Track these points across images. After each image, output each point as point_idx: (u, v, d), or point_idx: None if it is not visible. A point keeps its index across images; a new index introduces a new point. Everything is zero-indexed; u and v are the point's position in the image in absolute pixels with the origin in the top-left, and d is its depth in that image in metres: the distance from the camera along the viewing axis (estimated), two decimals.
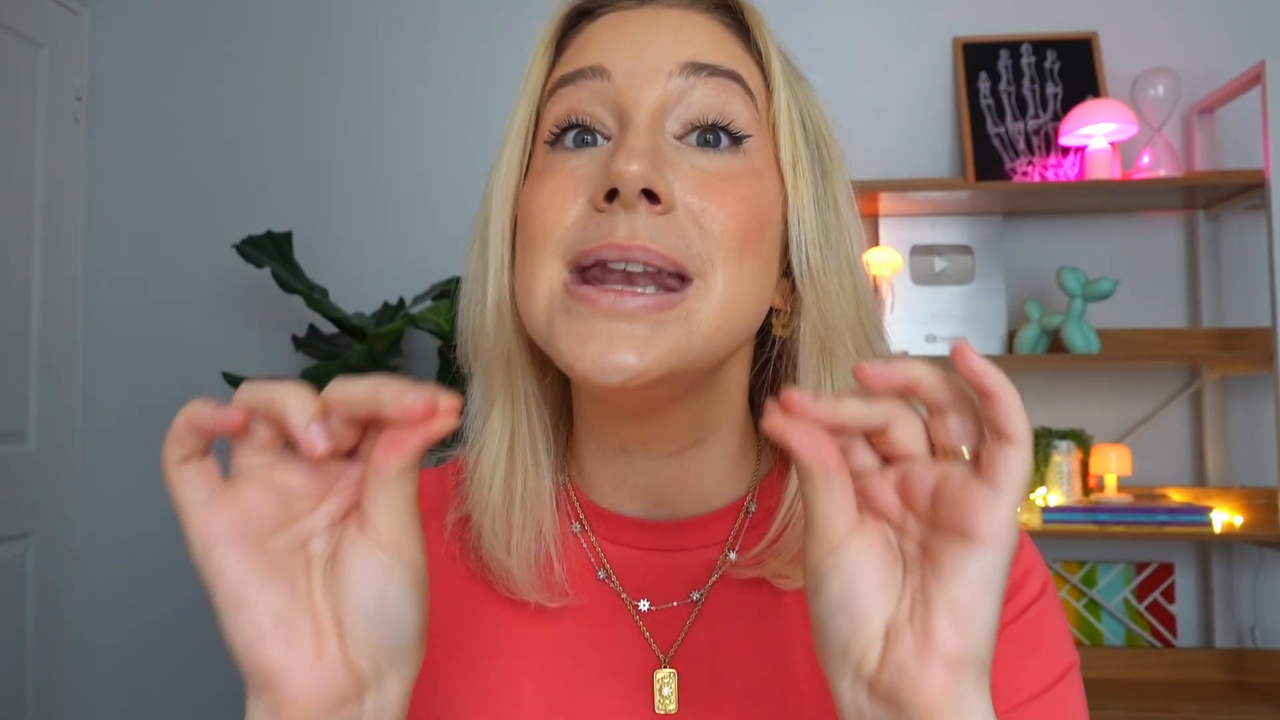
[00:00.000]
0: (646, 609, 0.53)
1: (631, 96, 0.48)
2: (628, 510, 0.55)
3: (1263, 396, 1.89)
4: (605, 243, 0.44)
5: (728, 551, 0.53)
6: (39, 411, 2.00)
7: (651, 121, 0.47)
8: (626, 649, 0.52)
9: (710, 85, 0.48)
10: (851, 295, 0.52)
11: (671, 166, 0.46)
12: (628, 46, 0.49)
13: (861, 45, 2.04)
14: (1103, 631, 1.89)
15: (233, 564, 0.36)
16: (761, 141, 0.50)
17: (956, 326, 1.92)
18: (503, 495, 0.51)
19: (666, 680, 0.51)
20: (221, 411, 0.36)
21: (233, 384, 1.74)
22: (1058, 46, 1.97)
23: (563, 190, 0.47)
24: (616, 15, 0.51)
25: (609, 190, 0.45)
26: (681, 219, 0.46)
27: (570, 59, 0.51)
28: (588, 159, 0.48)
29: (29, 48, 1.99)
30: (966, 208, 1.91)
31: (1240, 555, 1.87)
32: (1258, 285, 1.90)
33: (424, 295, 1.94)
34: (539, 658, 0.52)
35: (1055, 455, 1.82)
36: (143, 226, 2.15)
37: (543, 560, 0.51)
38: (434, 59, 2.12)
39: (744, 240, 0.47)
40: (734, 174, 0.48)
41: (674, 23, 0.50)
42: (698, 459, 0.54)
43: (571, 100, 0.49)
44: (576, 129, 0.49)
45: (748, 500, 0.55)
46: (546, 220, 0.47)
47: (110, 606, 2.10)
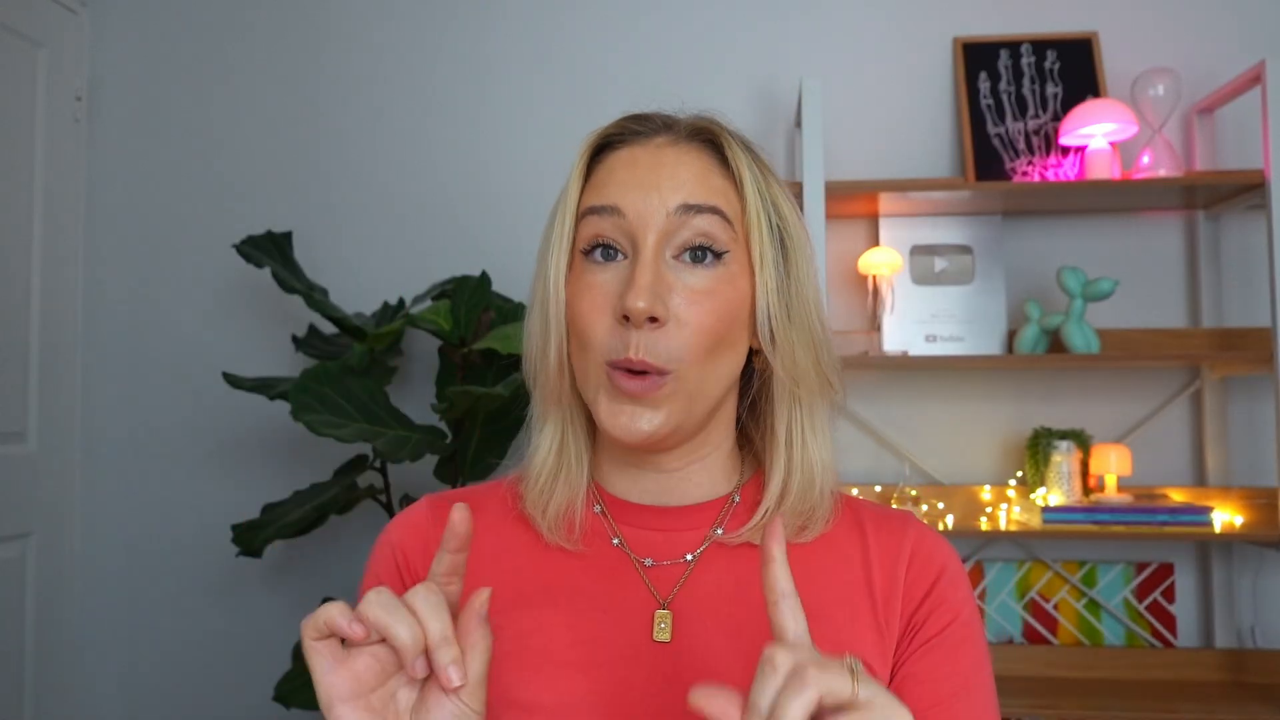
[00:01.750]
0: (650, 565, 0.70)
1: (641, 233, 0.66)
2: (638, 501, 0.73)
3: (1263, 396, 1.89)
4: (623, 358, 0.65)
5: (715, 528, 0.71)
6: (39, 411, 2.00)
7: (654, 252, 0.66)
8: (632, 593, 0.69)
9: (698, 219, 0.67)
10: (810, 347, 0.69)
11: (668, 287, 0.66)
12: (637, 191, 0.67)
13: (861, 45, 2.04)
14: (1103, 631, 1.89)
15: (347, 715, 0.52)
16: (737, 251, 0.68)
17: (956, 326, 1.92)
18: (550, 473, 0.72)
19: (664, 618, 0.67)
20: (351, 625, 0.50)
21: (233, 384, 1.74)
22: (1058, 46, 1.97)
23: (595, 307, 0.67)
24: (629, 153, 0.70)
25: (624, 314, 0.64)
26: (671, 328, 0.65)
27: (596, 188, 0.69)
28: (611, 274, 0.67)
29: (29, 48, 1.99)
30: (966, 208, 1.92)
31: (1240, 555, 1.87)
32: (1258, 285, 1.90)
33: (424, 295, 1.94)
34: (563, 593, 0.69)
35: (1055, 455, 1.82)
36: (143, 226, 2.15)
37: (568, 520, 0.71)
38: (434, 59, 2.12)
39: (714, 342, 0.66)
40: (714, 287, 0.67)
41: (671, 167, 0.68)
42: (697, 469, 0.73)
43: (598, 227, 0.68)
44: (603, 248, 0.68)
45: (734, 494, 0.73)
46: (588, 330, 0.67)
47: (110, 606, 2.10)
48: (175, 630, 2.08)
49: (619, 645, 0.66)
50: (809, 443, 0.71)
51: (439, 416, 1.76)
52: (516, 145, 2.08)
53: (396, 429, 1.64)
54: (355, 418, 1.61)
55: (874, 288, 1.94)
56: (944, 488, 1.93)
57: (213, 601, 2.07)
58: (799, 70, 2.02)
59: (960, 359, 1.80)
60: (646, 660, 0.66)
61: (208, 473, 2.09)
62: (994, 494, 1.91)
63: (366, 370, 1.79)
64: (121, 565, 2.11)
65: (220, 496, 2.07)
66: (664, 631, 0.67)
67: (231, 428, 2.09)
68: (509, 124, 2.09)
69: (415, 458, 1.60)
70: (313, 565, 2.04)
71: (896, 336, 1.93)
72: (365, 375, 1.75)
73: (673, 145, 0.70)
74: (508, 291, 1.91)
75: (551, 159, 2.05)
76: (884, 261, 1.89)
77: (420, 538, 0.72)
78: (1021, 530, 1.75)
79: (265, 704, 1.94)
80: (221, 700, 2.05)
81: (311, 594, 2.01)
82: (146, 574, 2.10)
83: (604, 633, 0.67)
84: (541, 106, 2.08)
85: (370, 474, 1.90)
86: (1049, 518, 1.75)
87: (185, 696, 2.06)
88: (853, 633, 0.67)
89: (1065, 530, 1.73)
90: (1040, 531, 1.74)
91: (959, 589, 0.70)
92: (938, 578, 0.69)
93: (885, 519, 0.73)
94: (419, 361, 2.07)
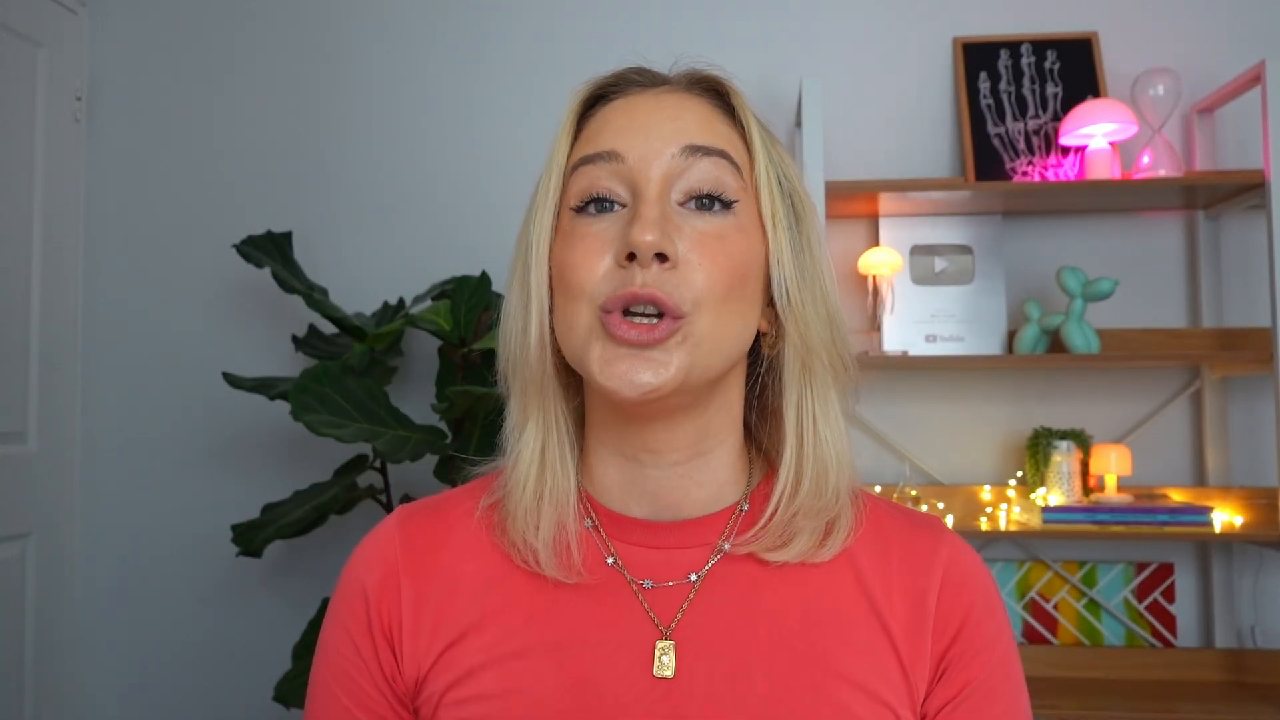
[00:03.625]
0: (649, 587, 0.62)
1: (643, 174, 0.59)
2: (635, 513, 0.65)
3: (1263, 396, 1.89)
4: (627, 291, 0.56)
5: (722, 543, 0.63)
6: (39, 411, 2.00)
7: (659, 193, 0.59)
8: (630, 622, 0.61)
9: (705, 163, 0.60)
10: (825, 321, 0.63)
11: (676, 228, 0.59)
12: (637, 133, 0.60)
13: (861, 45, 2.04)
14: (1103, 631, 1.89)
15: None
16: (746, 204, 0.62)
17: (956, 326, 1.92)
18: (535, 490, 0.63)
19: (666, 650, 0.60)
20: None
21: (233, 384, 1.74)
22: (1058, 46, 1.97)
23: (591, 251, 0.59)
24: (625, 101, 0.63)
25: (629, 253, 0.57)
26: (682, 270, 0.58)
27: (589, 139, 0.62)
28: (608, 223, 0.59)
29: (29, 48, 1.99)
30: (966, 208, 1.92)
31: (1240, 555, 1.87)
32: (1258, 285, 1.90)
33: (424, 295, 1.94)
34: (552, 627, 0.61)
35: (1055, 455, 1.82)
36: (143, 226, 2.15)
37: (563, 545, 0.62)
38: (434, 59, 2.12)
39: (728, 288, 0.59)
40: (724, 233, 0.60)
41: (673, 110, 0.61)
42: (700, 468, 0.64)
43: (592, 177, 0.60)
44: (596, 201, 0.60)
45: (741, 502, 0.65)
46: (580, 276, 0.59)
47: (110, 606, 2.10)
48: (175, 630, 2.08)
49: (616, 688, 0.59)
50: (821, 428, 0.63)
51: (439, 416, 1.76)
52: (516, 145, 2.08)
53: (396, 429, 1.64)
54: (355, 418, 1.61)
55: (874, 288, 1.94)
56: (944, 488, 1.93)
57: (213, 601, 2.07)
58: (799, 70, 2.02)
59: (960, 359, 1.80)
60: (647, 702, 0.58)
61: (208, 473, 2.09)
62: (994, 494, 1.91)
63: (366, 370, 1.79)
64: (121, 565, 2.11)
65: (220, 496, 2.07)
66: (667, 667, 0.59)
67: (231, 428, 2.09)
68: (509, 124, 2.09)
69: (415, 458, 1.60)
70: (313, 565, 2.04)
71: (896, 336, 1.93)
72: (365, 375, 1.75)
73: (672, 93, 0.63)
74: None
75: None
76: (884, 261, 1.89)
77: (390, 572, 0.64)
78: (1021, 530, 1.75)
79: (265, 704, 1.94)
80: (221, 700, 2.05)
81: (311, 594, 2.01)
82: (146, 574, 2.10)
83: (598, 673, 0.59)
84: (541, 106, 2.08)
85: (370, 474, 1.90)
86: (1049, 518, 1.75)
87: (185, 696, 2.06)
88: (875, 671, 0.60)
89: (1065, 530, 1.73)
90: (1040, 531, 1.74)
91: (996, 617, 0.63)
92: (971, 608, 0.62)
93: (912, 532, 0.65)
94: (419, 361, 2.07)
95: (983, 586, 0.63)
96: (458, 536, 0.65)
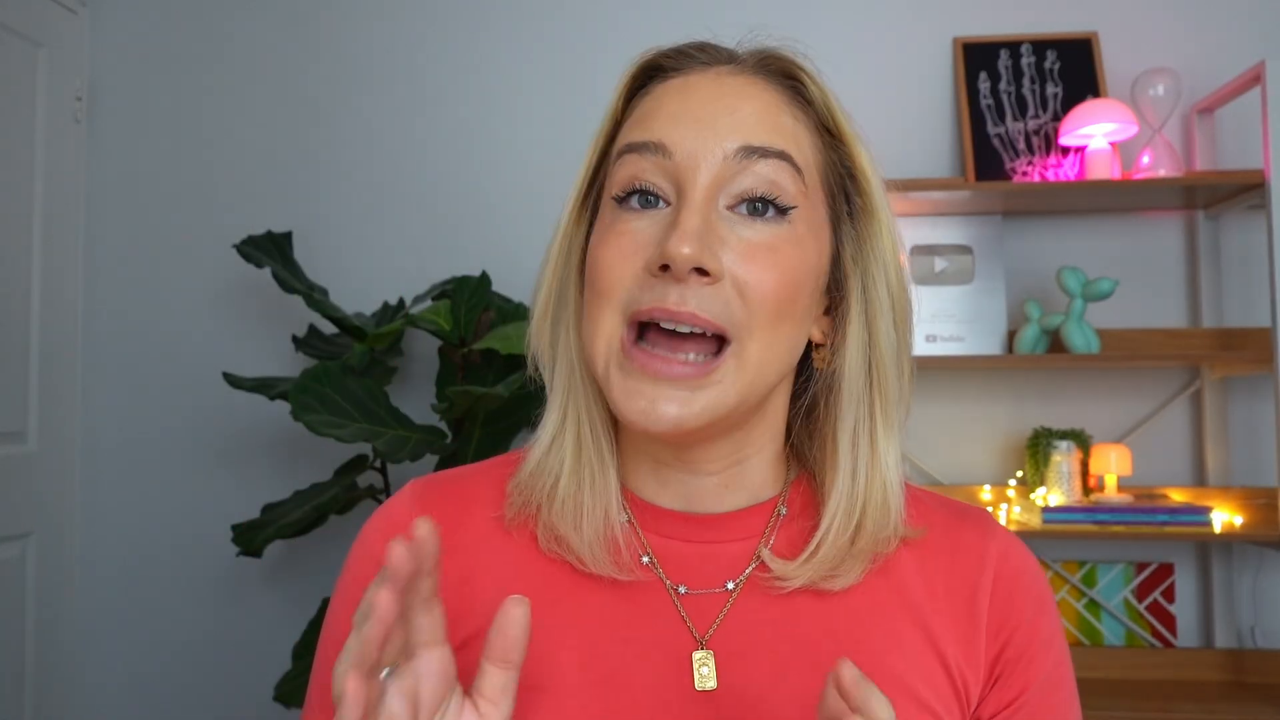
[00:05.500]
0: (685, 593, 0.57)
1: (690, 175, 0.53)
2: (668, 505, 0.60)
3: (1263, 396, 1.89)
4: (658, 306, 0.51)
5: (762, 546, 0.59)
6: (39, 411, 2.00)
7: (706, 198, 0.53)
8: (665, 629, 0.56)
9: (762, 165, 0.54)
10: (891, 330, 0.57)
11: (720, 239, 0.53)
12: (689, 124, 0.54)
13: (861, 45, 2.04)
14: (1103, 631, 1.89)
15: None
16: (807, 207, 0.55)
17: (956, 326, 1.92)
18: (572, 484, 0.58)
19: (705, 660, 0.55)
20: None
21: (233, 384, 1.74)
22: (1058, 46, 1.97)
23: (625, 252, 0.53)
24: (683, 81, 0.57)
25: (663, 264, 0.51)
26: (727, 287, 0.52)
27: (638, 121, 0.56)
28: (648, 222, 0.54)
29: (29, 48, 1.99)
30: (966, 208, 1.91)
31: (1240, 555, 1.87)
32: (1258, 285, 1.90)
33: (424, 295, 1.94)
34: (583, 629, 0.56)
35: (1055, 455, 1.82)
36: (143, 226, 2.15)
37: (609, 540, 0.57)
38: (434, 59, 2.12)
39: (780, 306, 0.53)
40: (777, 244, 0.54)
41: (733, 98, 0.55)
42: (737, 475, 0.60)
43: (636, 167, 0.55)
44: (640, 194, 0.55)
45: (779, 503, 0.61)
46: (610, 279, 0.53)
47: (110, 606, 2.10)
48: (175, 630, 2.08)
49: (659, 702, 0.54)
50: (881, 452, 0.58)
51: (439, 416, 1.76)
52: (516, 145, 2.08)
53: (396, 429, 1.64)
54: (355, 418, 1.61)
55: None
56: (944, 488, 1.93)
57: (213, 601, 2.07)
58: None
59: (960, 359, 1.80)
60: (690, 716, 0.54)
61: (208, 473, 2.09)
62: (994, 494, 1.91)
63: (366, 370, 1.79)
64: (121, 565, 2.10)
65: (220, 496, 2.07)
66: (708, 679, 0.55)
67: (231, 428, 2.09)
68: (509, 124, 2.09)
69: (415, 458, 1.60)
70: (313, 565, 2.04)
71: None
72: (365, 375, 1.75)
73: (736, 75, 0.57)
74: (508, 291, 1.91)
75: (551, 159, 2.05)
76: None
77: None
78: (1021, 530, 1.75)
79: (265, 704, 1.94)
80: (221, 700, 2.05)
81: (311, 594, 2.01)
82: (146, 574, 2.10)
83: (640, 688, 0.54)
84: (541, 106, 2.08)
85: (370, 474, 1.90)
86: (1049, 518, 1.75)
87: (185, 696, 2.06)
88: (921, 681, 0.56)
89: (1065, 530, 1.73)
90: (1040, 531, 1.74)
91: (1050, 616, 0.59)
92: (1025, 609, 0.58)
93: (960, 528, 0.61)
94: (419, 361, 2.07)
95: (1036, 584, 0.60)
96: (475, 522, 0.61)
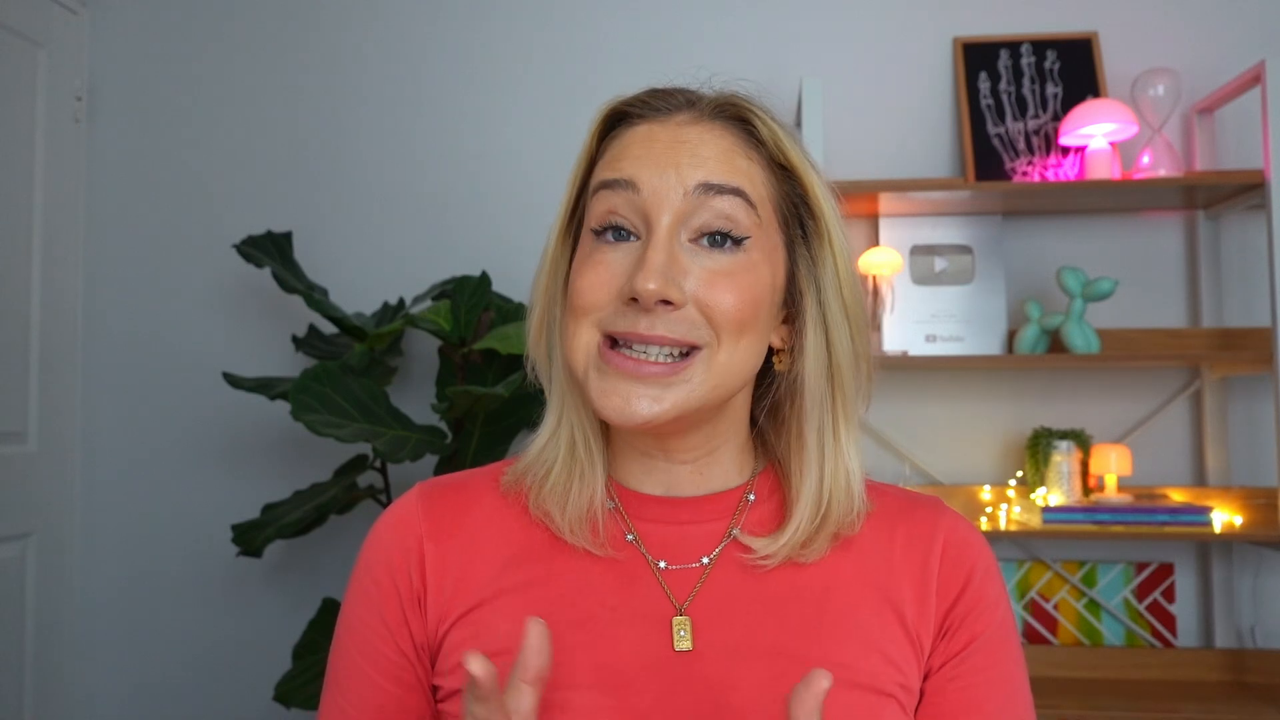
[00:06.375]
0: (665, 567, 0.65)
1: (655, 211, 0.61)
2: (651, 492, 0.68)
3: (1263, 396, 1.89)
4: (631, 331, 0.60)
5: (732, 528, 0.67)
6: (39, 411, 2.00)
7: (669, 233, 0.61)
8: (648, 598, 0.64)
9: (719, 201, 0.61)
10: (847, 335, 0.65)
11: (683, 269, 0.60)
12: (654, 167, 0.62)
13: (861, 45, 2.04)
14: (1103, 631, 1.89)
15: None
16: (760, 236, 0.63)
17: (956, 326, 1.92)
18: (563, 475, 0.67)
19: (683, 624, 0.63)
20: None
21: (233, 384, 1.74)
22: (1058, 46, 1.97)
23: (600, 281, 0.61)
24: (647, 129, 0.64)
25: (632, 296, 0.59)
26: (691, 311, 0.60)
27: (611, 161, 0.64)
28: (621, 254, 0.62)
29: (29, 48, 1.99)
30: (966, 208, 1.92)
31: (1240, 555, 1.87)
32: (1258, 285, 1.90)
33: (424, 295, 1.94)
34: (579, 604, 0.64)
35: (1055, 455, 1.82)
36: (143, 226, 2.15)
37: (590, 521, 0.66)
38: (434, 59, 2.12)
39: (742, 323, 0.61)
40: (734, 270, 0.61)
41: (692, 145, 0.62)
42: (709, 464, 0.68)
43: (610, 203, 0.62)
44: (614, 229, 0.62)
45: (747, 490, 0.69)
46: (587, 303, 0.62)
47: (110, 606, 2.10)
48: (175, 630, 2.08)
49: (641, 660, 0.62)
50: (844, 445, 0.65)
51: (439, 416, 1.76)
52: (516, 145, 2.08)
53: (396, 429, 1.64)
54: (355, 418, 1.61)
55: (874, 288, 1.94)
56: (944, 488, 1.93)
57: (213, 601, 2.07)
58: (799, 70, 2.02)
59: (960, 359, 1.80)
60: (669, 672, 0.62)
61: (208, 473, 2.09)
62: (994, 494, 1.91)
63: (366, 370, 1.79)
64: (121, 565, 2.11)
65: (220, 496, 2.07)
66: (684, 640, 0.62)
67: (231, 428, 2.09)
68: (509, 124, 2.09)
69: (415, 458, 1.60)
70: (313, 565, 2.04)
71: (896, 336, 1.93)
72: (365, 375, 1.75)
73: (694, 123, 0.64)
74: (508, 291, 1.91)
75: (550, 159, 2.05)
76: (884, 261, 1.89)
77: (413, 543, 0.67)
78: (1021, 530, 1.75)
79: (265, 704, 1.94)
80: (221, 700, 2.05)
81: (311, 594, 2.01)
82: (146, 574, 2.10)
83: (625, 648, 0.62)
84: (540, 106, 2.08)
85: (370, 474, 1.90)
86: (1049, 518, 1.75)
87: (185, 696, 2.06)
88: (883, 637, 0.63)
89: (1065, 530, 1.73)
90: (1040, 531, 1.74)
91: (995, 582, 0.66)
92: (972, 570, 0.66)
93: (913, 510, 0.69)
94: (419, 361, 2.07)
95: (981, 552, 0.67)
96: (481, 507, 0.69)
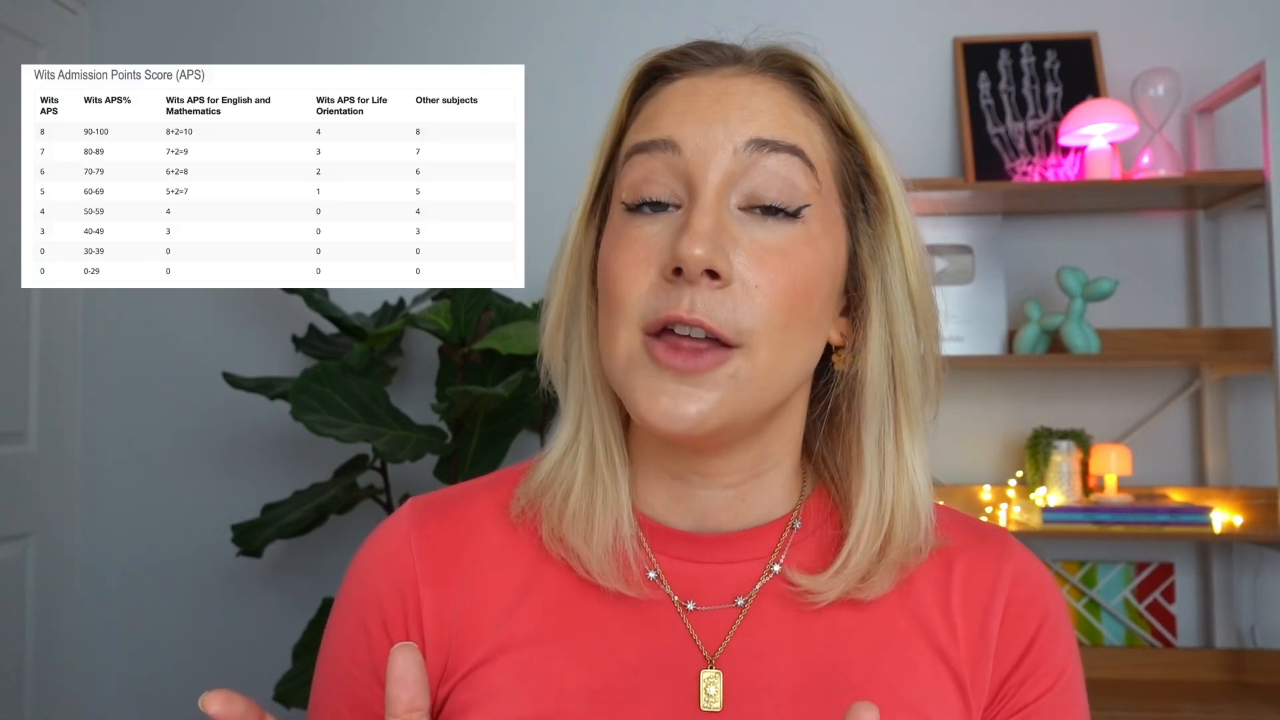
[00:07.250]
0: (694, 609, 0.56)
1: (700, 172, 0.52)
2: (678, 524, 0.58)
3: (1263, 396, 1.89)
4: (671, 314, 0.50)
5: (772, 563, 0.57)
6: (39, 411, 2.00)
7: (716, 197, 0.52)
8: (673, 647, 0.55)
9: (772, 160, 0.52)
10: (913, 331, 0.57)
11: (732, 240, 0.51)
12: (698, 122, 0.53)
13: (861, 45, 2.04)
14: (1103, 631, 1.89)
15: None
16: (820, 205, 0.54)
17: (956, 326, 1.92)
18: (584, 497, 0.57)
19: (712, 680, 0.54)
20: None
21: (233, 384, 1.74)
22: (1058, 46, 1.97)
23: (636, 261, 0.52)
24: (689, 83, 0.55)
25: (676, 266, 0.50)
26: (737, 291, 0.51)
27: (645, 123, 0.55)
28: (660, 227, 0.53)
29: (29, 48, 1.99)
30: (966, 208, 1.91)
31: (1240, 555, 1.87)
32: (1258, 285, 1.90)
33: (424, 295, 1.94)
34: (588, 646, 0.55)
35: (1055, 455, 1.82)
36: None
37: (618, 555, 0.56)
38: (434, 59, 2.12)
39: (790, 312, 0.52)
40: (788, 247, 0.52)
41: (742, 97, 0.53)
42: (754, 489, 0.58)
43: (645, 168, 0.53)
44: (651, 203, 0.53)
45: (793, 517, 0.59)
46: (623, 289, 0.52)
47: (110, 606, 2.10)
48: (175, 630, 2.08)
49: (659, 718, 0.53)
50: (908, 463, 0.56)
51: (439, 416, 1.76)
52: None
53: (396, 429, 1.64)
54: (355, 418, 1.61)
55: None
56: (944, 488, 1.93)
57: (213, 601, 2.07)
58: None
59: (960, 359, 1.80)
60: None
61: (208, 473, 2.09)
62: (994, 494, 1.91)
63: (366, 370, 1.79)
64: (121, 565, 2.11)
65: (220, 496, 2.07)
66: (714, 699, 0.53)
67: (231, 428, 2.09)
68: None
69: (415, 458, 1.60)
70: (313, 565, 2.04)
71: None
72: (365, 375, 1.75)
73: (743, 75, 0.55)
74: (508, 291, 1.91)
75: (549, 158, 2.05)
76: None
77: (409, 588, 0.57)
78: (1021, 530, 1.75)
79: (266, 704, 1.94)
80: None
81: (311, 594, 2.01)
82: (146, 574, 2.10)
83: (638, 701, 0.53)
84: (539, 105, 2.08)
85: (370, 474, 1.90)
86: (1049, 518, 1.75)
87: (185, 696, 2.06)
88: (931, 702, 0.54)
89: (1065, 530, 1.73)
90: (1040, 531, 1.74)
91: (1062, 641, 0.57)
92: (1038, 631, 0.56)
93: (978, 545, 0.59)
94: (419, 361, 2.07)
95: (1049, 606, 0.58)
96: (481, 540, 0.59)
